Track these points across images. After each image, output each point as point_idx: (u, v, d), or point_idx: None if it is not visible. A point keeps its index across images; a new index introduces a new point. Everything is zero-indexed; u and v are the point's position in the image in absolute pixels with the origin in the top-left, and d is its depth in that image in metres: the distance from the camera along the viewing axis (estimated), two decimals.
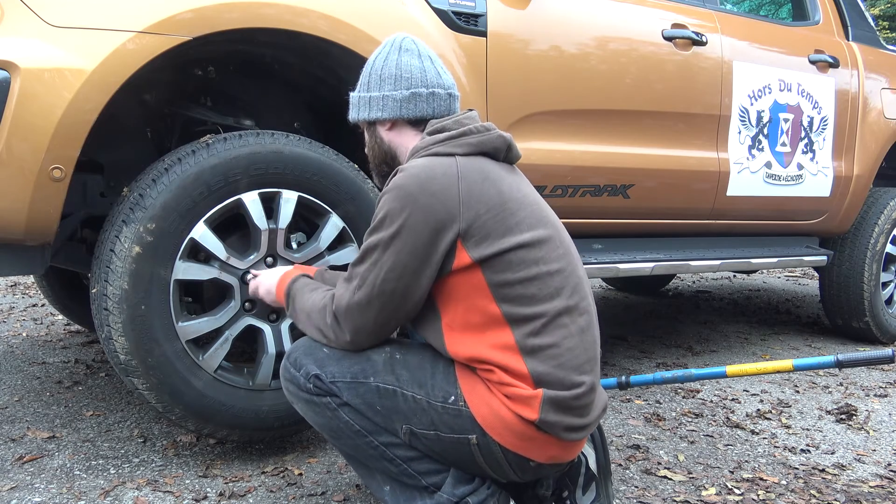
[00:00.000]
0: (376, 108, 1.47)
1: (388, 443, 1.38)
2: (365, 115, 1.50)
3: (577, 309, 1.36)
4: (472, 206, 1.30)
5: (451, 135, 1.38)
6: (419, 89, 1.45)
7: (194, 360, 1.80)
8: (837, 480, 1.96)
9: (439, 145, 1.38)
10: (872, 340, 3.58)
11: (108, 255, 1.72)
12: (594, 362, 1.38)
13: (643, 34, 2.57)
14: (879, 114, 3.40)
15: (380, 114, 1.47)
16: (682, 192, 2.75)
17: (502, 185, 1.35)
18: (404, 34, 1.51)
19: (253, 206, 1.83)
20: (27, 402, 2.33)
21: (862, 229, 3.49)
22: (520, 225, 1.33)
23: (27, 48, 1.56)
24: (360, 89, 1.52)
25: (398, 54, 1.47)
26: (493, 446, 1.33)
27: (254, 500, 1.70)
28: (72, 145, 1.60)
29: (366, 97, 1.49)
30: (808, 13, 3.31)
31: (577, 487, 1.52)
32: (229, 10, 1.74)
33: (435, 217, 1.29)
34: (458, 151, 1.36)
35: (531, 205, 1.38)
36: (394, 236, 1.31)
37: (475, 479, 1.40)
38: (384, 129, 1.50)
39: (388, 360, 1.39)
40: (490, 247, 1.30)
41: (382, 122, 1.49)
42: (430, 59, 1.49)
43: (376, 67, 1.49)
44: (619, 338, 3.51)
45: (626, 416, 2.38)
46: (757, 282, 5.70)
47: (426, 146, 1.39)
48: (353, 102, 1.53)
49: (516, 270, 1.31)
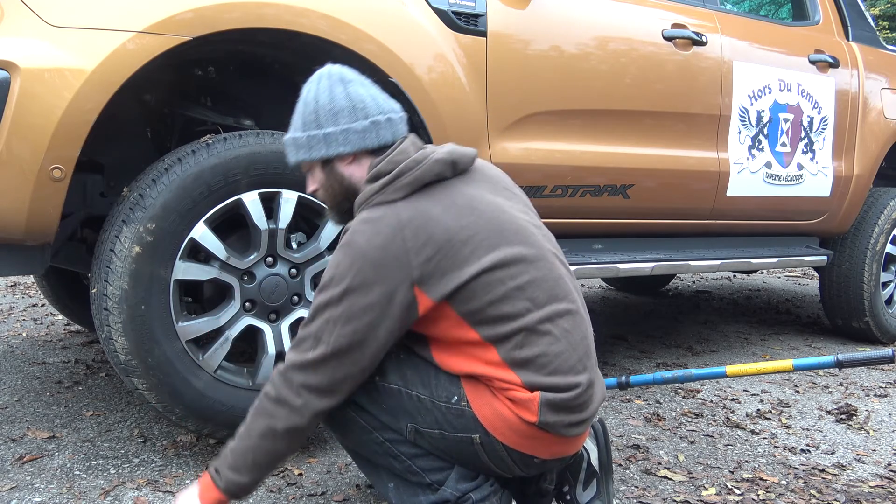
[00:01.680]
0: (337, 144, 1.40)
1: (393, 440, 1.39)
2: (322, 153, 1.41)
3: (558, 312, 1.34)
4: (421, 252, 1.28)
5: (386, 181, 1.34)
6: (377, 117, 1.40)
7: (194, 360, 1.80)
8: (837, 480, 1.96)
9: (378, 195, 1.34)
10: (872, 340, 3.57)
11: (108, 255, 1.72)
12: (587, 358, 1.37)
13: (643, 34, 2.57)
14: (879, 114, 3.40)
15: (342, 148, 1.40)
16: (682, 192, 2.75)
17: (448, 219, 1.31)
18: (330, 66, 1.46)
19: (253, 206, 1.83)
20: (27, 402, 2.33)
21: (862, 229, 3.48)
22: (475, 252, 1.30)
23: (27, 48, 1.56)
24: (306, 128, 1.42)
25: (343, 86, 1.41)
26: (497, 445, 1.34)
27: (254, 500, 1.70)
28: (72, 145, 1.60)
29: (318, 135, 1.40)
30: (808, 13, 3.31)
31: (578, 483, 1.53)
32: (229, 10, 1.74)
33: (385, 272, 1.27)
34: (398, 197, 1.32)
35: (489, 221, 1.34)
36: (345, 293, 1.28)
37: (478, 476, 1.41)
38: (344, 164, 1.43)
39: (394, 361, 1.39)
40: (448, 284, 1.29)
41: (343, 158, 1.42)
42: (371, 85, 1.45)
43: (322, 103, 1.40)
44: (619, 338, 3.51)
45: (626, 416, 2.38)
46: (757, 282, 5.70)
47: (367, 199, 1.36)
48: (300, 143, 1.42)
49: (482, 296, 1.30)
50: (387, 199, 1.33)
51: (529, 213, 1.47)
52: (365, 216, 1.32)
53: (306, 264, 1.93)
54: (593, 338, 1.43)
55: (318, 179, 1.46)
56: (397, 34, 1.99)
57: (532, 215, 1.47)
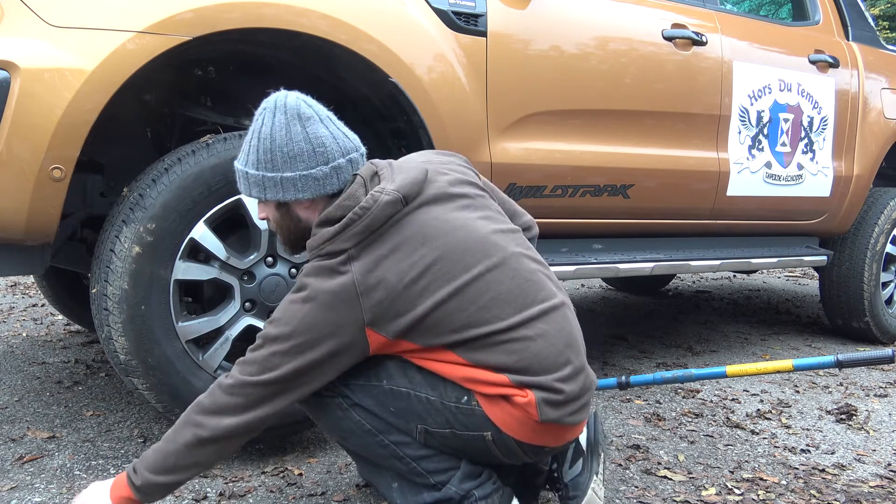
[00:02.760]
0: (293, 190, 1.34)
1: (399, 441, 1.39)
2: (279, 196, 1.35)
3: (531, 316, 1.34)
4: (372, 296, 1.28)
5: (337, 230, 1.30)
6: (338, 160, 1.35)
7: (194, 360, 1.80)
8: (837, 480, 1.96)
9: (328, 244, 1.31)
10: (872, 340, 3.57)
11: (108, 255, 1.71)
12: (568, 348, 1.35)
13: (643, 34, 2.57)
14: (879, 114, 3.40)
15: (300, 195, 1.35)
16: (682, 192, 2.75)
17: (398, 259, 1.30)
18: (286, 93, 1.36)
19: (253, 206, 1.83)
20: (27, 402, 2.33)
21: (862, 229, 3.48)
22: (429, 287, 1.30)
23: (27, 48, 1.56)
24: (260, 167, 1.34)
25: (300, 124, 1.33)
26: (509, 441, 1.36)
27: (254, 500, 1.70)
28: (72, 145, 1.60)
29: (274, 178, 1.34)
30: (808, 13, 3.31)
31: (566, 461, 1.56)
32: (229, 10, 1.74)
33: (334, 318, 1.28)
34: (349, 246, 1.30)
35: (444, 246, 1.32)
36: (292, 334, 1.29)
37: (482, 474, 1.43)
38: (302, 207, 1.39)
39: (400, 365, 1.39)
40: (401, 322, 1.30)
41: (300, 203, 1.38)
42: (330, 120, 1.38)
43: (279, 144, 1.32)
44: (619, 338, 3.51)
45: (626, 416, 2.38)
46: (757, 282, 5.70)
47: (318, 246, 1.32)
48: (254, 181, 1.36)
49: (443, 327, 1.31)
50: (337, 249, 1.30)
51: (489, 209, 1.44)
52: (316, 266, 1.31)
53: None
54: (576, 323, 1.42)
55: (270, 214, 1.42)
56: (397, 34, 1.99)
57: (493, 211, 1.44)
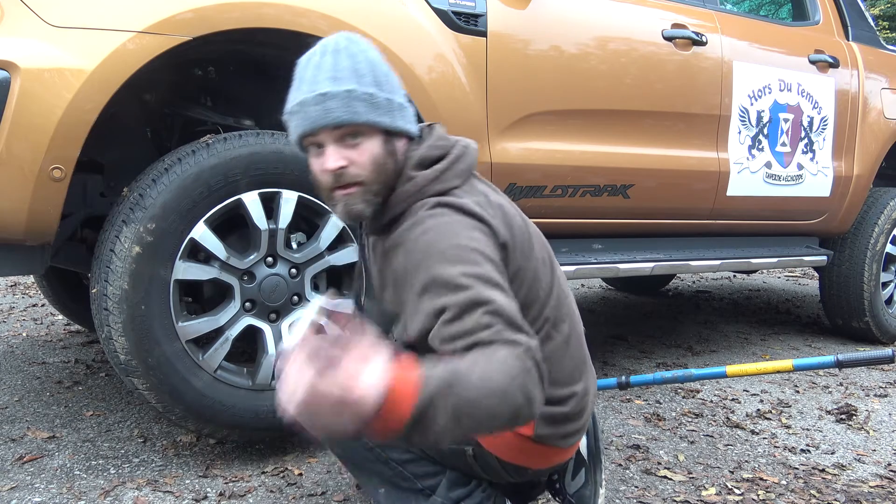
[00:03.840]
0: (402, 119, 1.17)
1: (384, 445, 1.34)
2: (395, 122, 1.16)
3: (561, 315, 1.28)
4: (503, 231, 1.16)
5: (444, 167, 1.19)
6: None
7: (194, 360, 1.80)
8: (837, 480, 1.96)
9: (435, 183, 1.18)
10: (872, 340, 3.57)
11: (108, 255, 1.72)
12: (583, 364, 1.32)
13: (643, 34, 2.57)
14: (879, 114, 3.40)
15: (408, 126, 1.19)
16: (682, 192, 2.75)
17: (505, 202, 1.24)
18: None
19: (253, 206, 1.83)
20: (27, 402, 2.33)
21: (862, 229, 3.48)
22: (532, 241, 1.23)
23: (27, 48, 1.56)
24: (365, 83, 1.13)
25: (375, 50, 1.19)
26: (490, 458, 1.31)
27: (254, 500, 1.70)
28: (72, 145, 1.60)
29: (388, 100, 1.15)
30: (808, 13, 3.31)
31: (567, 472, 1.50)
32: (229, 10, 1.74)
33: (487, 235, 1.14)
34: (458, 184, 1.19)
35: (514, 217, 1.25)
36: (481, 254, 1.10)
37: (471, 482, 1.37)
38: (402, 143, 1.20)
39: None
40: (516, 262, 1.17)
41: (403, 135, 1.20)
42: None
43: (376, 61, 1.15)
44: (619, 338, 3.51)
45: (626, 416, 2.38)
46: (757, 282, 5.70)
47: (420, 188, 1.17)
48: (363, 97, 1.12)
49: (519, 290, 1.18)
50: (446, 188, 1.18)
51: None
52: (436, 204, 1.14)
53: (306, 264, 1.93)
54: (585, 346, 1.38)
55: (368, 150, 1.15)
56: (397, 34, 1.99)
57: None
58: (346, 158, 1.15)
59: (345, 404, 0.86)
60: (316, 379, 0.85)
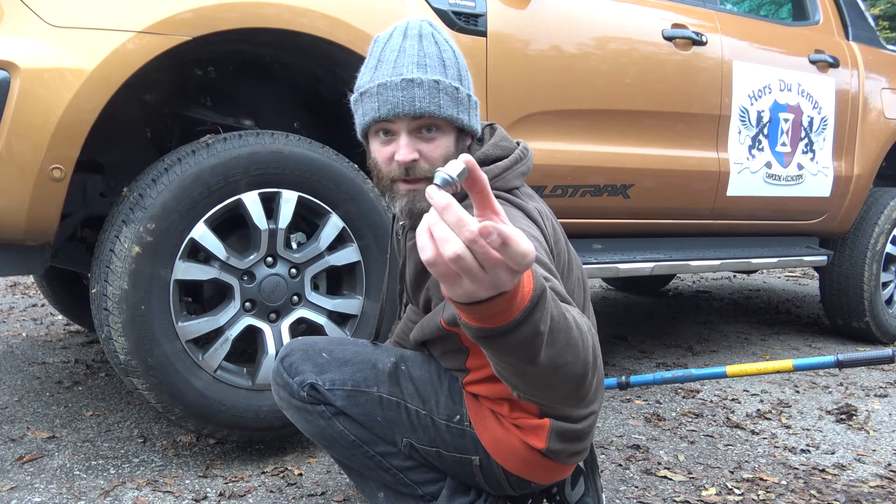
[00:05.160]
0: (475, 117, 1.16)
1: (385, 452, 1.33)
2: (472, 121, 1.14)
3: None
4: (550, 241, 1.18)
5: (506, 165, 1.19)
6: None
7: (194, 360, 1.80)
8: (837, 480, 1.96)
9: (498, 180, 1.16)
10: (872, 340, 3.57)
11: (108, 255, 1.72)
12: (602, 385, 1.31)
13: (643, 34, 2.57)
14: (879, 114, 3.40)
15: (476, 125, 1.17)
16: (682, 192, 2.75)
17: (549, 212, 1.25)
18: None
19: (253, 206, 1.83)
20: (27, 402, 2.33)
21: (862, 229, 3.48)
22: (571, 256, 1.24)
23: (27, 48, 1.56)
24: (451, 75, 1.09)
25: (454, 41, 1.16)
26: (496, 469, 1.30)
27: (254, 500, 1.70)
28: (72, 145, 1.60)
29: (467, 96, 1.11)
30: (808, 13, 3.31)
31: (566, 483, 1.50)
32: (229, 10, 1.74)
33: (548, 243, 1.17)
34: (518, 184, 1.20)
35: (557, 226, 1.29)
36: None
37: (472, 489, 1.37)
38: (467, 141, 1.20)
39: (394, 371, 1.32)
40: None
41: (472, 133, 1.18)
42: None
43: (460, 57, 1.11)
44: (619, 338, 3.51)
45: (626, 416, 2.38)
46: (757, 282, 5.70)
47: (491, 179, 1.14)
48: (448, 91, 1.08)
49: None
50: (509, 187, 1.18)
51: None
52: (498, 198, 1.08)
53: (306, 264, 1.93)
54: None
55: (441, 144, 1.13)
56: None
57: None
58: (419, 151, 1.11)
59: (511, 255, 0.68)
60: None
